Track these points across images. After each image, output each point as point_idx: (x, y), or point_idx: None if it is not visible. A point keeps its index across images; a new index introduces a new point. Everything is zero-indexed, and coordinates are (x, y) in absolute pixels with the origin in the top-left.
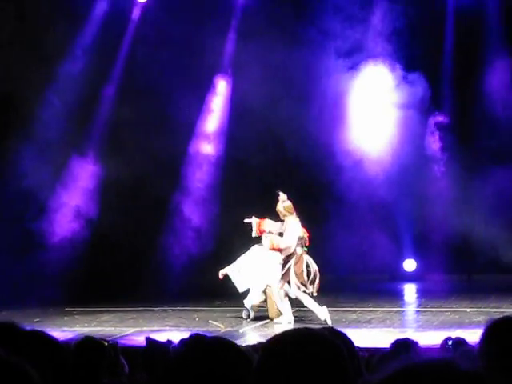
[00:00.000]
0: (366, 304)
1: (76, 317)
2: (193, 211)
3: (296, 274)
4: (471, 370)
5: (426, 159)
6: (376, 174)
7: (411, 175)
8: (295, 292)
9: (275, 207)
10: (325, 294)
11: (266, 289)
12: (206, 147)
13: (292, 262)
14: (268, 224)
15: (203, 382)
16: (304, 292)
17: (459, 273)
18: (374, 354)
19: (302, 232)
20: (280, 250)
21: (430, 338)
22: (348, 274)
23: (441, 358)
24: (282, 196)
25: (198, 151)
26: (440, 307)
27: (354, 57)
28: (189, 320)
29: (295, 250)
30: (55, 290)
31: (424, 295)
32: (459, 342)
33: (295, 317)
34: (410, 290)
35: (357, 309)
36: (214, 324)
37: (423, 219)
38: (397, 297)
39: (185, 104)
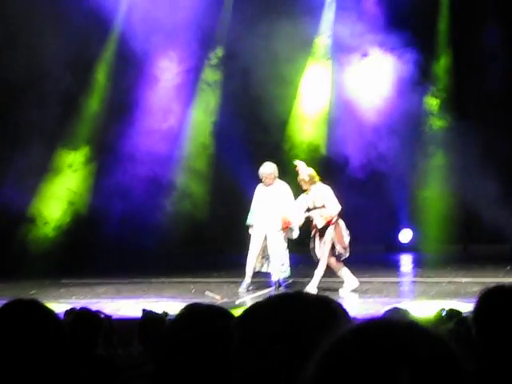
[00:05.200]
0: (362, 274)
1: (72, 289)
2: (187, 180)
3: (338, 240)
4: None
5: (421, 126)
6: (370, 141)
7: (407, 142)
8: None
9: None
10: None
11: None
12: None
13: (332, 228)
14: (292, 216)
15: (197, 349)
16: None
17: (455, 243)
18: None
19: None
20: (331, 221)
21: (425, 309)
22: None
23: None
24: (301, 164)
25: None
26: (436, 277)
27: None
28: (185, 291)
29: None
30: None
31: (420, 266)
32: (453, 313)
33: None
34: (406, 261)
35: None
36: (211, 295)
37: (418, 189)
38: (393, 267)
39: None
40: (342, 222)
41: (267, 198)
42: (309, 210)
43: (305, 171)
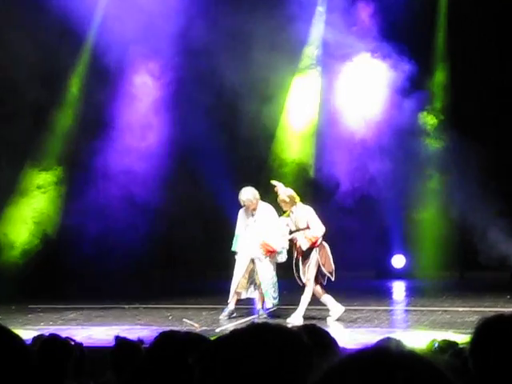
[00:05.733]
0: (351, 302)
1: (40, 314)
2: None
3: (324, 263)
4: (404, 353)
5: (416, 146)
6: (360, 161)
7: (400, 162)
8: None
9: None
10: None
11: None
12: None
13: (317, 250)
14: (273, 240)
15: (173, 380)
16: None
17: (451, 270)
18: None
19: None
20: (315, 243)
21: (419, 339)
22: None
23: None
24: (280, 185)
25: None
26: (430, 306)
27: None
28: (161, 318)
29: None
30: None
31: (413, 293)
32: (447, 344)
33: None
34: (398, 288)
35: None
36: (189, 323)
37: (412, 213)
38: (385, 295)
39: None
40: (326, 245)
41: (252, 224)
42: (291, 232)
43: (284, 192)
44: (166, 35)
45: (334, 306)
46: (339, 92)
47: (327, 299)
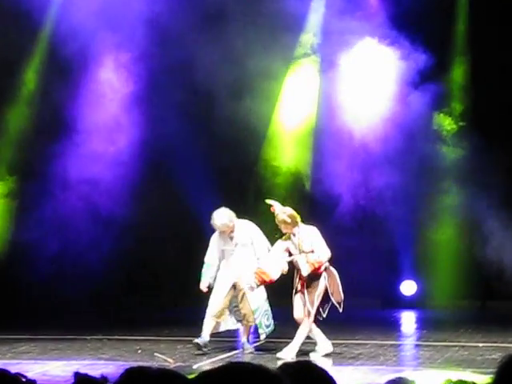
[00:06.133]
0: (352, 335)
1: None
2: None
3: (332, 291)
4: None
5: (431, 153)
6: (364, 172)
7: (411, 173)
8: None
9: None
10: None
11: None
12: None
13: (325, 277)
14: (271, 269)
15: None
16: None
17: (470, 298)
18: None
19: None
20: (318, 268)
21: (432, 379)
22: None
23: None
24: (276, 204)
25: None
26: (445, 341)
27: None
28: (129, 352)
29: None
30: None
31: (426, 326)
32: None
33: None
34: (408, 319)
35: (341, 341)
36: (162, 358)
37: (425, 232)
38: (392, 327)
39: None
40: (335, 271)
41: (233, 248)
42: (290, 254)
43: (283, 212)
44: (136, 21)
45: (323, 342)
46: (341, 87)
47: (316, 333)
